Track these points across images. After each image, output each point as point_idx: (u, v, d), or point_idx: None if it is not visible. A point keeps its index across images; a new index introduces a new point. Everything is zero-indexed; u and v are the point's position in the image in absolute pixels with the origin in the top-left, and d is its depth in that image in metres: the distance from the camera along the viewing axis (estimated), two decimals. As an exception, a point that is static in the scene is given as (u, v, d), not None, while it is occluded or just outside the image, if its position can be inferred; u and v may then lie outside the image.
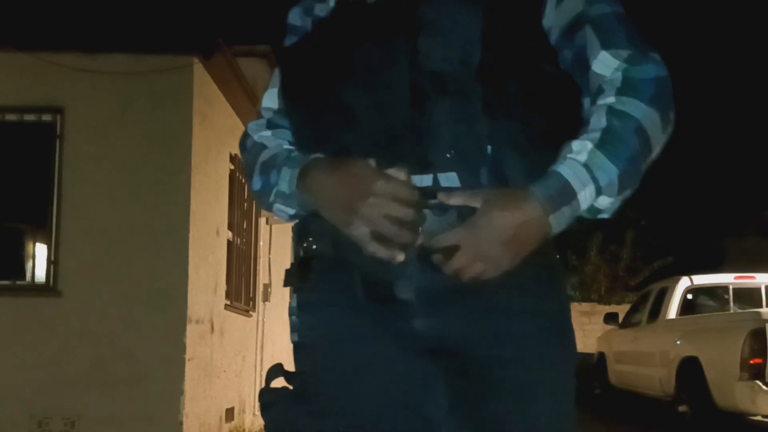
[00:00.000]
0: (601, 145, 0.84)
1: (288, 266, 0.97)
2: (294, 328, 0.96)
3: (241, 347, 5.87)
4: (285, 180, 0.92)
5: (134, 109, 4.53)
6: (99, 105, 4.53)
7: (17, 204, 4.62)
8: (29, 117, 4.55)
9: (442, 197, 0.85)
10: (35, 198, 4.53)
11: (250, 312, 6.21)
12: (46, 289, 4.43)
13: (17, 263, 4.62)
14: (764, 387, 5.16)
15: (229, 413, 5.48)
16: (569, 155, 0.84)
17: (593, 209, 0.86)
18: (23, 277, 4.61)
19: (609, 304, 13.07)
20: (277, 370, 1.00)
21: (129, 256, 4.40)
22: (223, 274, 5.29)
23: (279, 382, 0.99)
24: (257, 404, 0.98)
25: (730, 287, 7.06)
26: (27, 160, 4.59)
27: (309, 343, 0.94)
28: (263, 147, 1.00)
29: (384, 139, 0.88)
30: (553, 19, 0.90)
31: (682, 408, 6.22)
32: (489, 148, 0.87)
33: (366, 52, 0.90)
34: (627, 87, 0.86)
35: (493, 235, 0.83)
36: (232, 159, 5.55)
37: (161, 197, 4.47)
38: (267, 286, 6.57)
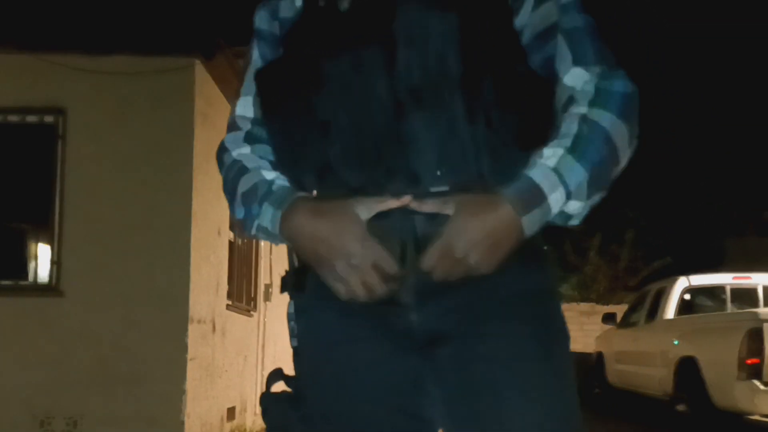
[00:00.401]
0: (571, 150, 0.85)
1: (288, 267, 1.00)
2: (293, 333, 0.97)
3: (243, 347, 5.89)
4: (267, 218, 0.91)
5: (136, 109, 4.54)
6: (100, 106, 4.54)
7: (20, 205, 4.63)
8: (31, 118, 4.57)
9: (414, 205, 0.85)
10: (37, 199, 4.54)
11: (252, 312, 6.23)
12: (49, 289, 4.45)
13: (20, 263, 4.63)
14: (762, 386, 5.18)
15: (231, 413, 5.50)
16: (539, 160, 0.85)
17: (563, 215, 0.86)
18: (26, 277, 4.62)
19: (608, 304, 13.09)
20: (277, 374, 1.01)
21: (131, 257, 4.42)
22: (224, 274, 5.31)
23: (279, 386, 1.00)
24: (259, 404, 1.01)
25: (728, 287, 7.08)
26: (29, 161, 4.60)
27: (305, 347, 0.95)
28: (243, 170, 0.96)
29: (368, 155, 0.88)
30: (526, 21, 0.90)
31: (680, 407, 6.24)
32: (475, 157, 0.87)
33: (343, 64, 0.89)
34: (598, 99, 0.87)
35: (467, 240, 0.83)
36: (233, 160, 5.56)
37: (163, 197, 4.49)
38: (268, 286, 6.59)
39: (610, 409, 7.77)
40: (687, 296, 7.11)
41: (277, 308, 6.77)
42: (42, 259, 4.59)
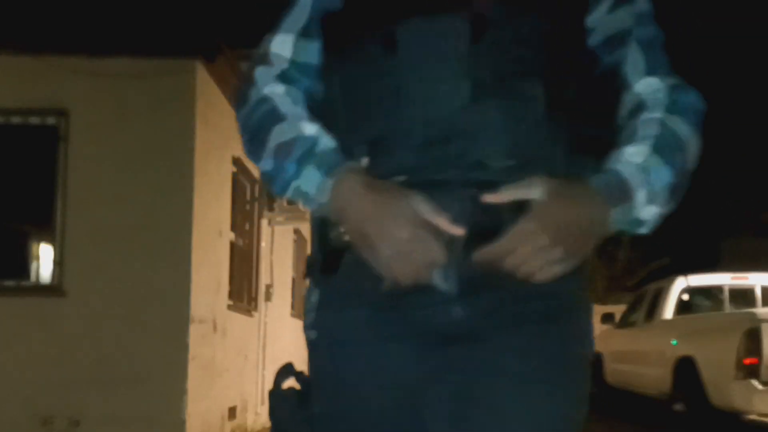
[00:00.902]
0: (656, 150, 0.81)
1: (290, 266, 0.95)
2: (311, 325, 0.89)
3: (243, 347, 5.91)
4: (311, 183, 0.81)
5: (137, 111, 4.56)
6: (102, 108, 4.55)
7: (22, 205, 4.64)
8: (33, 120, 4.58)
9: (489, 198, 0.77)
10: (40, 200, 4.55)
11: (253, 312, 6.25)
12: (51, 290, 4.46)
13: (22, 264, 4.64)
14: (759, 386, 5.19)
15: (231, 412, 5.51)
16: (624, 156, 0.81)
17: (636, 220, 0.81)
18: (28, 277, 4.64)
19: (606, 304, 13.12)
20: (287, 370, 0.96)
21: (132, 257, 4.43)
22: (225, 275, 5.32)
23: (289, 383, 0.96)
24: (259, 403, 0.99)
25: (726, 287, 7.11)
26: (31, 162, 4.62)
27: (326, 341, 0.88)
28: (275, 114, 0.85)
29: (435, 134, 0.80)
30: (598, 22, 0.85)
31: (678, 407, 6.26)
32: (550, 153, 0.81)
33: (423, 31, 0.81)
34: (675, 108, 0.84)
35: (555, 226, 0.74)
36: (235, 161, 5.58)
37: (164, 199, 4.51)
38: (269, 287, 6.61)
39: (608, 409, 7.79)
40: (685, 296, 7.13)
41: (277, 308, 6.79)
42: (44, 260, 4.60)
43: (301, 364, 0.95)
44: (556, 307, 0.84)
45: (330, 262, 0.86)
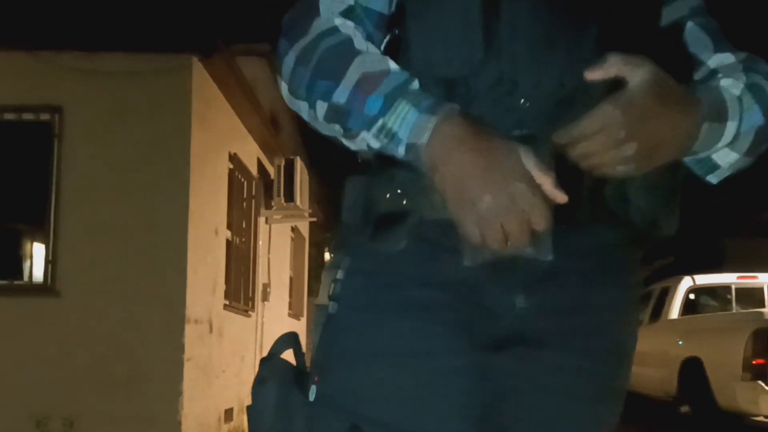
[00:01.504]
0: (749, 89, 0.76)
1: (287, 266, 0.82)
2: (335, 297, 0.77)
3: (240, 347, 5.86)
4: (405, 121, 0.69)
5: (133, 109, 4.51)
6: (97, 105, 4.51)
7: (15, 204, 4.61)
8: (27, 116, 4.54)
9: (591, 75, 0.68)
10: (33, 198, 4.51)
11: (249, 312, 6.20)
12: (44, 289, 4.42)
13: (15, 263, 4.61)
14: (767, 387, 5.13)
15: (228, 414, 5.46)
16: (722, 84, 0.75)
17: (710, 162, 0.76)
18: (21, 276, 4.60)
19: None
20: (290, 339, 0.84)
21: (127, 256, 4.39)
22: (222, 274, 5.27)
23: (287, 355, 0.83)
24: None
25: (733, 287, 7.04)
26: (25, 159, 4.58)
27: (349, 317, 0.76)
28: (352, 44, 0.74)
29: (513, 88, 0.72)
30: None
31: (683, 408, 6.20)
32: None
33: None
34: (754, 71, 0.79)
35: (640, 120, 0.67)
36: (231, 158, 5.54)
37: (160, 197, 4.46)
38: (266, 286, 6.56)
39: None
40: (691, 296, 7.07)
41: (274, 308, 6.74)
42: (37, 259, 4.57)
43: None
44: (614, 319, 0.79)
45: (385, 229, 0.74)
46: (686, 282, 7.08)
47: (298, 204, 6.22)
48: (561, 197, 0.67)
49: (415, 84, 0.72)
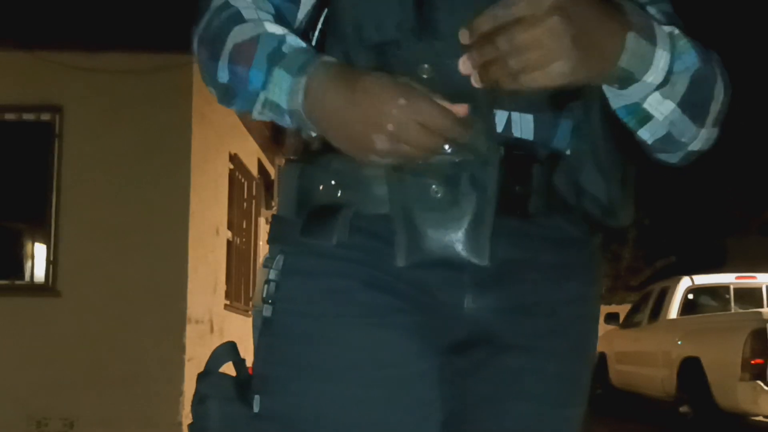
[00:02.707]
0: (684, 36, 0.68)
1: None
2: (269, 298, 0.71)
3: (241, 347, 5.84)
4: (281, 88, 0.65)
5: (133, 108, 4.51)
6: (98, 104, 4.52)
7: (16, 203, 4.61)
8: (28, 116, 4.55)
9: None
10: (34, 197, 4.52)
11: (250, 312, 6.20)
12: (45, 289, 4.42)
13: (16, 263, 4.62)
14: (766, 387, 5.14)
15: (229, 413, 5.47)
16: (656, 18, 0.68)
17: (642, 111, 0.67)
18: (22, 276, 4.60)
19: (610, 303, 13.06)
20: (227, 351, 0.77)
21: (128, 256, 4.39)
22: (222, 274, 5.28)
23: (227, 369, 0.77)
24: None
25: (732, 287, 7.05)
26: (26, 159, 4.58)
27: (290, 320, 0.70)
28: (237, 18, 0.70)
29: (449, 53, 0.65)
30: None
31: (683, 408, 6.21)
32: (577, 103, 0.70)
33: None
34: (696, 44, 0.70)
35: (574, 11, 0.58)
36: (232, 158, 5.54)
37: (160, 197, 4.46)
38: (267, 286, 6.56)
39: (612, 410, 7.73)
40: (690, 296, 7.08)
41: (276, 308, 6.73)
42: (38, 259, 4.57)
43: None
44: (578, 316, 0.75)
45: (317, 223, 0.69)
46: (685, 282, 7.09)
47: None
48: (460, 109, 0.62)
49: (290, 41, 0.67)
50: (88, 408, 4.28)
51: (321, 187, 0.69)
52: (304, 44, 0.68)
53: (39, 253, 4.59)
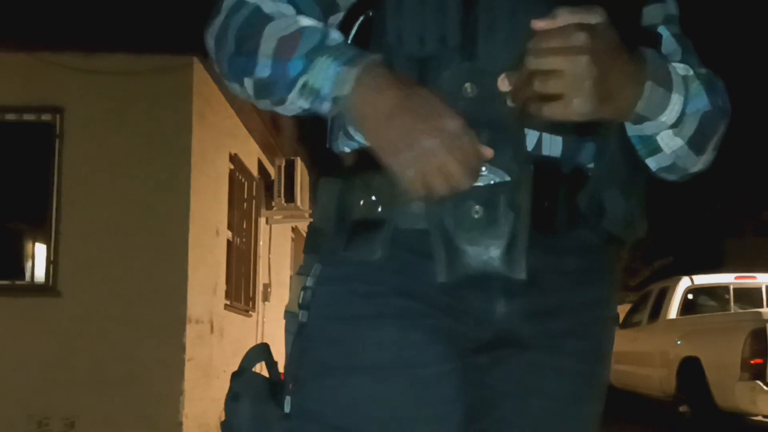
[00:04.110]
0: (697, 77, 0.74)
1: (288, 266, 0.78)
2: (305, 305, 0.74)
3: (241, 347, 5.85)
4: (326, 75, 0.67)
5: (134, 109, 4.52)
6: (98, 105, 4.52)
7: (17, 204, 4.61)
8: (29, 117, 4.55)
9: (539, 25, 0.64)
10: (35, 198, 4.52)
11: (250, 312, 6.21)
12: (46, 289, 4.43)
13: (16, 263, 4.62)
14: (765, 387, 5.15)
15: (229, 413, 5.47)
16: (671, 62, 0.74)
17: (654, 143, 0.74)
18: (22, 276, 4.60)
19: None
20: (261, 351, 0.81)
21: (128, 256, 4.39)
22: (222, 274, 5.28)
23: (260, 368, 0.80)
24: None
25: (731, 287, 7.06)
26: (26, 159, 4.58)
27: (324, 325, 0.72)
28: (260, 13, 0.72)
29: (488, 72, 0.69)
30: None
31: (682, 408, 6.21)
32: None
33: None
34: (706, 81, 0.77)
35: (603, 47, 0.63)
36: (232, 159, 5.54)
37: (161, 197, 4.47)
38: (267, 286, 6.57)
39: (611, 410, 7.72)
40: (690, 296, 7.09)
41: (275, 308, 6.74)
42: (39, 259, 4.57)
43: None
44: (597, 318, 0.78)
45: (360, 238, 0.72)
46: (685, 282, 7.10)
47: (299, 204, 6.23)
48: (487, 151, 0.67)
49: (334, 36, 0.70)
50: (89, 408, 4.28)
51: (361, 203, 0.72)
52: (344, 39, 0.70)
53: (39, 253, 4.59)
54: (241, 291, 5.96)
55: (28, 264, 4.63)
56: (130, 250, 4.40)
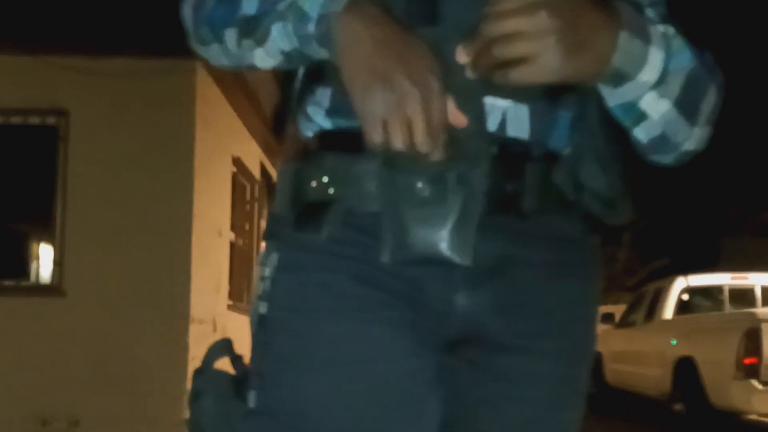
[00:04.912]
0: (678, 35, 0.67)
1: None
2: (265, 296, 0.70)
3: (243, 347, 5.90)
4: (315, 1, 0.64)
5: (138, 111, 4.55)
6: (103, 108, 4.55)
7: (22, 206, 4.64)
8: (33, 120, 4.57)
9: None
10: (40, 200, 4.54)
11: (251, 312, 6.24)
12: (51, 290, 4.46)
13: (22, 264, 4.65)
14: (759, 386, 5.20)
15: (231, 412, 5.51)
16: (649, 15, 0.67)
17: (637, 110, 0.66)
18: (28, 277, 4.65)
19: (606, 304, 13.13)
20: (223, 347, 0.77)
21: (132, 258, 4.43)
22: (225, 275, 5.32)
23: (222, 364, 0.76)
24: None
25: (726, 287, 7.11)
26: (31, 162, 4.61)
27: (285, 317, 0.69)
28: None
29: (449, 41, 0.64)
30: None
31: (677, 407, 6.27)
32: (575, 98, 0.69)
33: None
34: (691, 47, 0.70)
35: (563, 7, 0.59)
36: (234, 161, 5.59)
37: (164, 199, 4.50)
38: (268, 287, 6.60)
39: (607, 409, 7.80)
40: (685, 296, 7.14)
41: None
42: (44, 260, 4.61)
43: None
44: (575, 317, 0.73)
45: (308, 217, 0.69)
46: (680, 283, 7.14)
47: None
48: (460, 118, 0.63)
49: None
50: (93, 407, 4.31)
51: (314, 184, 0.69)
52: None
53: (45, 254, 4.63)
54: (244, 291, 6.00)
55: (34, 265, 4.68)
56: (134, 252, 4.43)
